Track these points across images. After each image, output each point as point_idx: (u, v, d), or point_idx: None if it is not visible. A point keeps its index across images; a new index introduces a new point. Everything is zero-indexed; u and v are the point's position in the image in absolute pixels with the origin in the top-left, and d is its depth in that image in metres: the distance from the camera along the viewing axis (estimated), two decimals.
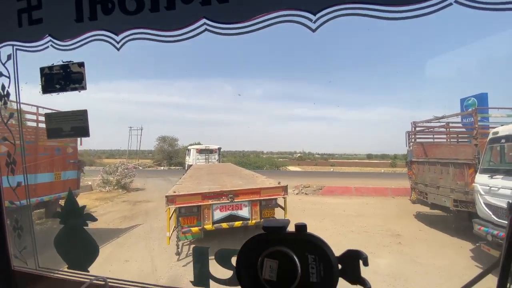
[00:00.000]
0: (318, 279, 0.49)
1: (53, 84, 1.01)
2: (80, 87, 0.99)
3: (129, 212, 9.76)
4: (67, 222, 1.13)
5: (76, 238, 1.13)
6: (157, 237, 6.64)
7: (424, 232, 7.05)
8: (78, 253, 1.11)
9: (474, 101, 9.47)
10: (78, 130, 1.03)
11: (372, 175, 21.78)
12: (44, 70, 1.02)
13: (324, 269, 0.49)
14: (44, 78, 1.02)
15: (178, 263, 5.20)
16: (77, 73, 0.99)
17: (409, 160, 8.76)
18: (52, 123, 1.03)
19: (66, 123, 1.02)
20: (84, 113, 1.02)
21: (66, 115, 1.03)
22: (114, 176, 14.22)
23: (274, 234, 0.52)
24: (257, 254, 0.51)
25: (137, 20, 0.89)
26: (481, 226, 5.04)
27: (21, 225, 1.13)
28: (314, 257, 0.49)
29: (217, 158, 18.78)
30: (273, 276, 0.49)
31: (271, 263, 0.50)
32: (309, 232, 0.51)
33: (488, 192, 5.04)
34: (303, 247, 0.50)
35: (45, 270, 1.11)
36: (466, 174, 6.21)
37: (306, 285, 0.49)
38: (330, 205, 10.31)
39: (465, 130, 8.67)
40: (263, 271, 0.50)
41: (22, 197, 1.14)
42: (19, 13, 1.02)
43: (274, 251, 0.50)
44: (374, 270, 4.75)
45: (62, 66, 1.01)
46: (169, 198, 5.26)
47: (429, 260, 5.18)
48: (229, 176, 8.40)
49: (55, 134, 1.05)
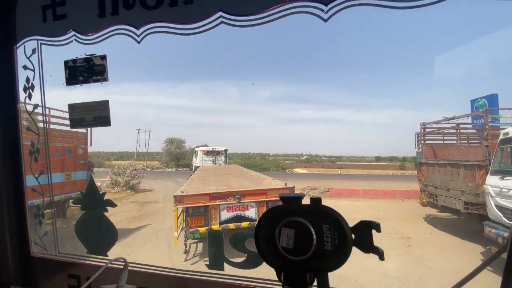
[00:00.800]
0: (332, 248, 0.52)
1: (77, 76, 1.06)
2: (102, 79, 1.05)
3: (137, 212, 9.87)
4: (87, 208, 1.19)
5: (96, 224, 1.18)
6: (164, 237, 6.70)
7: (434, 235, 6.93)
8: (98, 237, 1.16)
9: (485, 102, 9.30)
10: (100, 119, 1.08)
11: (381, 178, 21.50)
12: (68, 63, 1.08)
13: (338, 238, 0.52)
14: (68, 70, 1.08)
15: (185, 263, 5.23)
16: (100, 66, 1.05)
17: (419, 162, 8.64)
18: (75, 113, 1.09)
19: (89, 113, 1.08)
20: (106, 103, 1.07)
21: (88, 105, 1.08)
22: (122, 177, 14.42)
23: (291, 205, 0.55)
24: (275, 223, 0.54)
25: (157, 14, 0.94)
26: (492, 229, 4.93)
27: (42, 212, 1.18)
28: (329, 227, 0.52)
29: (224, 160, 18.87)
30: (290, 244, 0.52)
31: (288, 231, 0.53)
32: (324, 204, 0.54)
33: (499, 194, 4.94)
34: (319, 217, 0.53)
35: (64, 256, 1.16)
36: (477, 176, 6.10)
37: (321, 253, 0.52)
38: (337, 207, 9.89)
39: (476, 131, 8.52)
40: (281, 239, 0.53)
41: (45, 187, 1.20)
42: (43, 9, 1.08)
43: (291, 220, 0.53)
44: (383, 273, 4.70)
45: (86, 59, 1.07)
46: (177, 198, 5.31)
47: (439, 264, 5.09)
48: (235, 177, 8.44)
49: (78, 124, 1.11)
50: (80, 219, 1.17)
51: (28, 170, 1.15)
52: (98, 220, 1.17)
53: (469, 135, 8.75)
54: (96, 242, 1.15)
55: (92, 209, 1.18)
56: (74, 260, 1.12)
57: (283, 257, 0.53)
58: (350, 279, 4.27)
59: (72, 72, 1.07)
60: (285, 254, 0.52)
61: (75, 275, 1.08)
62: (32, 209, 1.17)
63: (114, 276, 0.90)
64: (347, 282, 4.17)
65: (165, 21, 0.93)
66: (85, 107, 1.08)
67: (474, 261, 5.14)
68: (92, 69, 1.05)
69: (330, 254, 0.52)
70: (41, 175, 1.18)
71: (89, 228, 1.17)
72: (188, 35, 0.91)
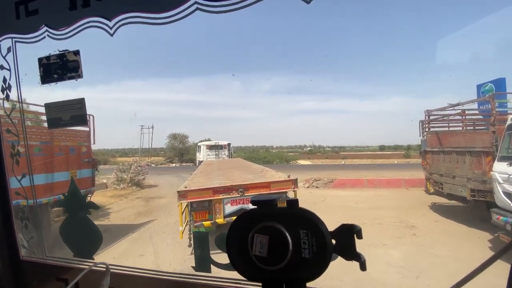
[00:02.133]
0: (310, 255, 0.47)
1: (51, 74, 1.01)
2: (76, 76, 1.00)
3: (143, 208, 9.99)
4: (70, 210, 1.16)
5: (79, 226, 1.15)
6: (170, 231, 6.77)
7: (440, 223, 6.86)
8: (82, 241, 1.14)
9: (492, 87, 9.07)
10: (77, 119, 1.04)
11: (385, 167, 21.35)
12: (42, 61, 1.03)
13: (317, 245, 0.47)
14: (42, 68, 1.03)
15: (191, 256, 5.28)
16: (73, 62, 0.99)
17: (423, 150, 8.51)
18: (52, 113, 1.04)
19: (65, 112, 1.03)
20: (82, 101, 1.02)
21: (64, 104, 1.04)
22: (127, 174, 14.56)
23: (265, 209, 0.50)
24: (247, 230, 0.49)
25: (129, 4, 0.88)
26: (499, 216, 4.85)
27: (28, 216, 1.16)
28: (306, 232, 0.47)
29: (227, 154, 18.93)
30: (263, 252, 0.47)
31: (261, 238, 0.48)
32: (301, 207, 0.49)
33: (506, 180, 4.84)
34: (295, 222, 0.48)
35: (52, 259, 1.13)
36: (483, 163, 5.98)
37: (298, 261, 0.47)
38: (341, 197, 10.19)
39: (482, 117, 8.32)
40: (253, 247, 0.48)
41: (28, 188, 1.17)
42: (16, 6, 1.03)
43: (264, 226, 0.48)
44: (388, 261, 4.68)
45: (59, 55, 1.01)
46: (181, 193, 5.34)
47: (445, 252, 5.04)
48: (239, 171, 8.44)
49: (55, 124, 1.07)
50: (64, 222, 1.15)
51: (11, 173, 1.12)
52: (81, 223, 1.14)
53: (475, 121, 8.56)
54: (81, 246, 1.13)
55: (75, 211, 1.15)
56: (61, 263, 1.10)
57: (256, 267, 0.48)
58: (355, 268, 4.26)
59: (46, 70, 1.02)
60: (258, 263, 0.48)
61: (63, 278, 1.06)
62: (18, 212, 1.14)
63: (99, 280, 0.87)
64: (352, 272, 4.17)
65: (137, 10, 0.87)
66: (61, 106, 1.03)
67: (481, 249, 5.09)
68: (66, 66, 0.99)
69: (307, 262, 0.47)
70: (23, 178, 1.15)
71: (73, 231, 1.15)
72: (163, 24, 0.84)
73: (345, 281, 3.84)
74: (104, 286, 0.82)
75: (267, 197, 0.50)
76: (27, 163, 1.21)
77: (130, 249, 5.89)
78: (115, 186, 14.14)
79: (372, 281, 3.99)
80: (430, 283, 3.96)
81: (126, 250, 5.81)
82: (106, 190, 13.87)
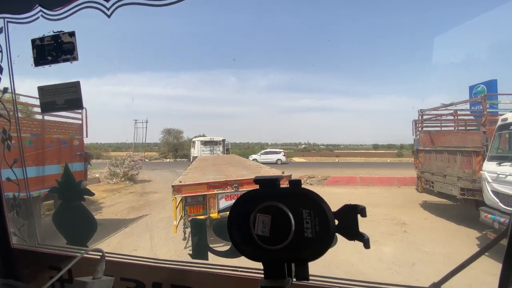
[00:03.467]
0: (313, 235, 0.46)
1: (45, 55, 0.98)
2: (71, 58, 0.97)
3: (136, 203, 9.90)
4: (64, 197, 1.13)
5: (73, 213, 1.13)
6: (164, 226, 6.74)
7: (430, 221, 7.00)
8: (76, 228, 1.11)
9: (483, 88, 9.24)
10: (72, 103, 1.00)
11: (378, 165, 21.63)
12: (35, 42, 0.99)
13: (320, 224, 0.46)
14: (35, 50, 0.99)
15: (185, 250, 5.28)
16: (68, 43, 0.96)
17: (416, 149, 8.64)
18: (46, 96, 1.01)
19: (60, 96, 1.00)
20: (77, 85, 0.99)
21: (59, 87, 1.00)
22: (121, 169, 14.38)
23: (267, 189, 0.49)
24: (250, 209, 0.48)
25: None
26: (488, 214, 4.97)
27: (19, 203, 1.12)
28: (309, 212, 0.47)
29: (222, 150, 18.93)
30: (265, 231, 0.47)
31: (263, 218, 0.47)
32: (303, 187, 0.48)
33: (495, 180, 4.95)
34: (298, 201, 0.47)
35: (44, 247, 1.11)
36: (473, 162, 6.10)
37: (300, 240, 0.46)
38: (335, 195, 10.28)
39: (474, 117, 8.48)
40: (256, 227, 0.47)
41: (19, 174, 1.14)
42: None
43: (267, 205, 0.47)
44: (379, 257, 4.75)
45: (53, 36, 0.98)
46: (176, 187, 5.32)
47: (434, 248, 5.15)
48: (233, 166, 8.44)
49: (49, 108, 1.03)
50: (57, 209, 1.12)
51: (2, 161, 1.09)
52: (75, 210, 1.11)
53: (467, 121, 8.72)
54: (74, 233, 1.11)
55: (69, 199, 1.12)
56: (54, 251, 1.08)
57: (258, 247, 0.47)
58: (347, 263, 4.32)
59: (40, 51, 0.98)
60: (260, 243, 0.47)
61: (56, 266, 1.04)
62: (8, 200, 1.11)
63: (94, 267, 0.85)
64: (343, 265, 4.23)
65: None
66: (55, 89, 1.00)
67: (469, 245, 5.21)
68: (61, 47, 0.96)
69: (310, 242, 0.46)
70: (14, 163, 1.11)
71: (67, 219, 1.12)
72: (161, 6, 0.82)
73: (337, 275, 3.89)
74: (99, 273, 0.81)
75: (271, 176, 0.50)
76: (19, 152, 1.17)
77: (123, 243, 5.84)
78: (108, 181, 13.97)
79: (363, 276, 4.05)
80: (420, 278, 4.03)
81: (118, 244, 5.75)
82: (98, 184, 13.69)
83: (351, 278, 0.85)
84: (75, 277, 0.84)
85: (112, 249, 5.44)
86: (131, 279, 0.90)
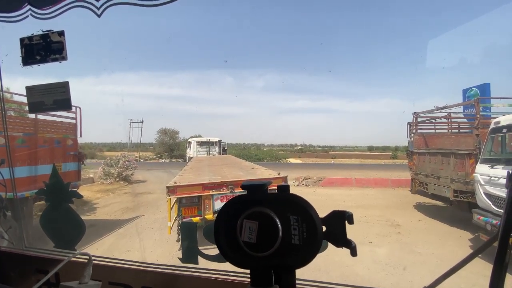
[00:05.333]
0: (300, 241, 0.46)
1: (33, 55, 0.96)
2: (60, 57, 0.95)
3: (131, 203, 9.81)
4: (51, 199, 1.11)
5: (61, 216, 1.10)
6: (158, 227, 6.68)
7: (423, 222, 7.05)
8: (64, 231, 1.09)
9: (477, 92, 9.37)
10: (61, 103, 0.99)
11: (373, 167, 21.78)
12: (24, 41, 0.97)
13: (307, 231, 0.46)
14: (24, 49, 0.97)
15: (179, 252, 5.23)
16: (57, 43, 0.94)
17: (410, 151, 8.72)
18: (34, 96, 0.99)
19: (48, 96, 0.98)
20: (66, 85, 0.97)
21: (47, 87, 0.98)
22: (115, 169, 14.25)
23: (255, 195, 0.48)
24: (236, 216, 0.47)
25: None
26: (480, 216, 5.02)
27: (6, 205, 1.10)
28: (297, 218, 0.46)
29: (218, 150, 18.87)
30: (252, 238, 0.46)
31: (250, 224, 0.46)
32: (292, 193, 0.48)
33: (488, 182, 5.01)
34: (285, 207, 0.46)
35: (32, 250, 1.09)
36: (466, 165, 6.17)
37: (288, 247, 0.46)
38: (330, 196, 10.32)
39: (467, 120, 8.59)
40: (242, 233, 0.46)
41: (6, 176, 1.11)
42: None
43: (254, 212, 0.46)
44: (373, 259, 4.77)
45: (42, 35, 0.96)
46: (170, 188, 5.27)
47: (428, 250, 5.19)
48: (229, 167, 8.41)
49: (37, 108, 1.01)
50: (44, 212, 1.10)
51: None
52: (63, 213, 1.09)
53: (460, 124, 8.83)
54: (62, 236, 1.08)
55: (56, 200, 1.10)
56: (41, 254, 1.06)
57: (244, 253, 0.46)
58: (341, 265, 4.32)
59: (28, 50, 0.96)
60: (247, 249, 0.46)
61: (43, 270, 1.02)
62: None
63: (81, 271, 0.84)
64: (338, 267, 4.23)
65: None
66: (44, 89, 0.98)
67: (462, 247, 5.26)
68: (50, 47, 0.94)
69: (297, 248, 0.46)
70: (1, 164, 1.09)
71: (54, 221, 1.10)
72: (152, 6, 0.81)
73: (332, 276, 3.90)
74: (86, 277, 0.79)
75: (257, 182, 0.49)
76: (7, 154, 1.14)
77: (116, 244, 5.77)
78: (102, 181, 13.83)
79: (357, 277, 4.07)
80: (413, 279, 4.06)
81: (112, 245, 5.69)
82: (92, 184, 13.54)
83: (346, 279, 0.85)
84: (62, 281, 0.82)
85: (105, 250, 5.38)
86: (119, 283, 0.89)
